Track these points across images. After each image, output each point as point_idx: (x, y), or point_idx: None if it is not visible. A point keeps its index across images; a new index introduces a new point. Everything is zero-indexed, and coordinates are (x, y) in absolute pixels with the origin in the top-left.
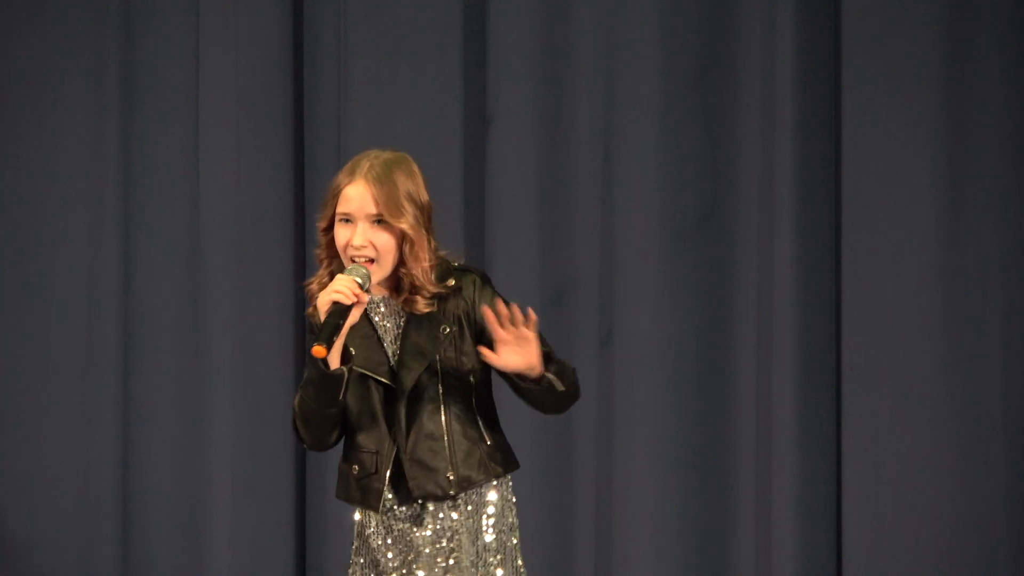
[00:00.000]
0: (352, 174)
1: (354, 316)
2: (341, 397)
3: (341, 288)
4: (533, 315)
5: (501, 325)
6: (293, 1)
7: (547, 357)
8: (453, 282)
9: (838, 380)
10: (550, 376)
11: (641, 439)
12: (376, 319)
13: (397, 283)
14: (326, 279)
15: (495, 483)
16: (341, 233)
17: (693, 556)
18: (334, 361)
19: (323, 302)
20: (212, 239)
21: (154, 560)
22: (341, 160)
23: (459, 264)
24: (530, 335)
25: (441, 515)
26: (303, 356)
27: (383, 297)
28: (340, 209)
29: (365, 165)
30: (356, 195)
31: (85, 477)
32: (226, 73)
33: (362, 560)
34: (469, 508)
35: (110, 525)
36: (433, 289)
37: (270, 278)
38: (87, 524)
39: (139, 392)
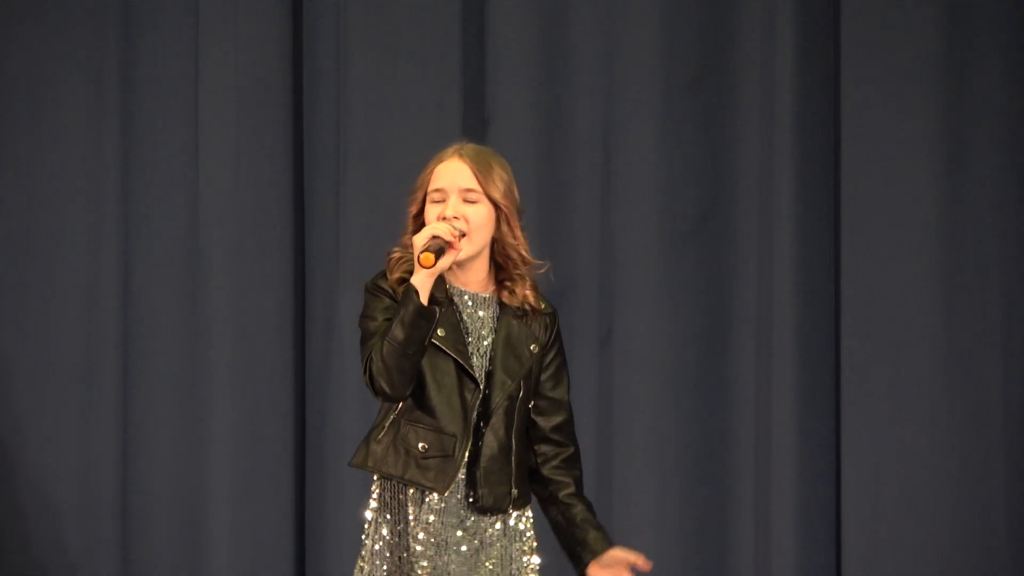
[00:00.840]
0: (443, 155)
1: (446, 262)
2: (427, 342)
3: (439, 226)
4: (648, 566)
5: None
6: (293, 1)
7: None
8: (545, 306)
9: (838, 380)
10: None
11: (641, 439)
12: (464, 314)
13: (497, 276)
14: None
15: (528, 508)
16: (432, 210)
17: (693, 556)
18: (424, 297)
19: (420, 237)
20: (212, 239)
21: (154, 560)
22: (341, 160)
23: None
24: None
25: (489, 528)
26: (303, 355)
27: (472, 294)
28: (432, 187)
29: (457, 146)
30: (450, 169)
31: (85, 477)
32: (226, 73)
33: (387, 554)
34: (510, 527)
35: (110, 525)
36: (532, 281)
37: (270, 278)
38: (87, 524)
39: (139, 392)
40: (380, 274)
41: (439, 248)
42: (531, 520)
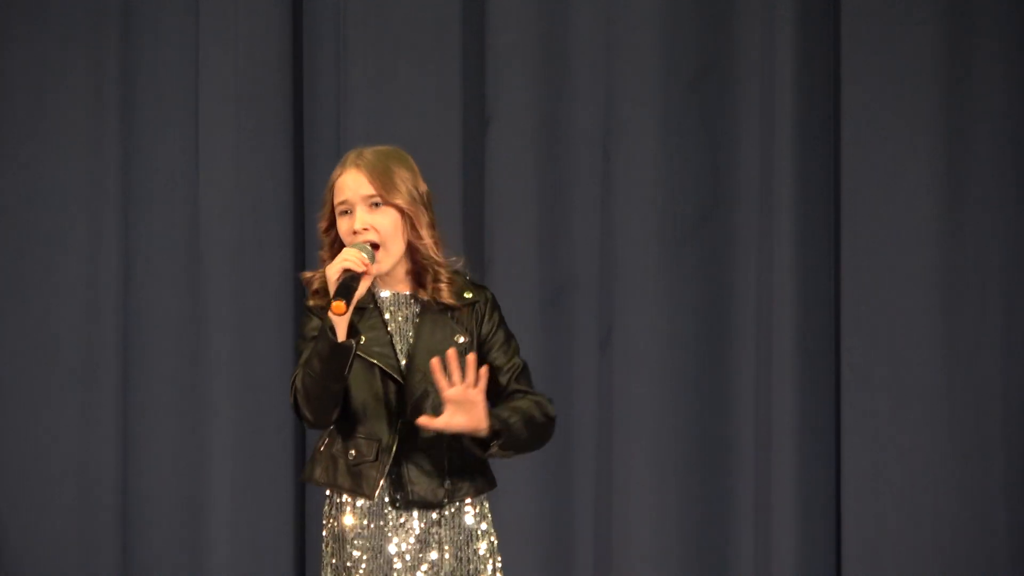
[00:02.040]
0: (343, 165)
1: (362, 288)
2: (347, 372)
3: (350, 256)
4: (485, 372)
5: (450, 383)
6: (293, 1)
7: (512, 395)
8: (470, 295)
9: (838, 380)
10: (494, 448)
11: (640, 439)
12: (386, 315)
13: (416, 274)
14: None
15: (479, 499)
16: (343, 224)
17: (693, 556)
18: (340, 333)
19: (332, 271)
20: (212, 239)
21: (154, 560)
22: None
23: (472, 280)
24: (477, 398)
25: (424, 523)
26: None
27: (393, 293)
28: (337, 200)
29: (354, 155)
30: (350, 181)
31: (85, 477)
32: (226, 73)
33: (334, 561)
34: (453, 520)
35: (110, 525)
36: (449, 274)
37: (270, 278)
38: (87, 524)
39: (139, 392)
40: (313, 291)
41: (348, 287)
42: (487, 517)
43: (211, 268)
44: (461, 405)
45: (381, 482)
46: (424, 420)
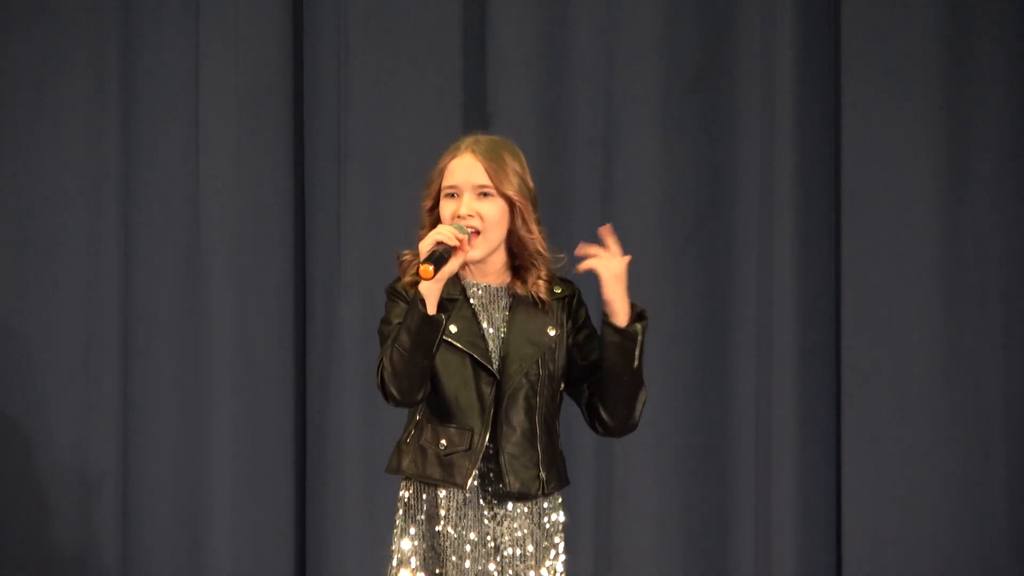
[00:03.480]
0: (457, 150)
1: (452, 266)
2: (435, 348)
3: (444, 231)
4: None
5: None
6: (293, 1)
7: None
8: (559, 290)
9: (838, 380)
10: (638, 327)
11: (641, 439)
12: (477, 306)
13: (513, 267)
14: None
15: (559, 495)
16: (447, 207)
17: (693, 556)
18: (431, 307)
19: (425, 243)
20: (212, 239)
21: (154, 560)
22: (341, 160)
23: (559, 274)
24: (618, 250)
25: (519, 515)
26: (303, 355)
27: (486, 285)
28: (446, 183)
29: (470, 140)
30: (463, 166)
31: (85, 477)
32: (226, 73)
33: (416, 543)
34: (538, 514)
35: (110, 525)
36: (547, 271)
37: (270, 278)
38: (87, 524)
39: (139, 392)
40: (398, 277)
41: (440, 256)
42: (562, 520)
43: (211, 268)
44: (620, 279)
45: (474, 472)
46: (588, 251)
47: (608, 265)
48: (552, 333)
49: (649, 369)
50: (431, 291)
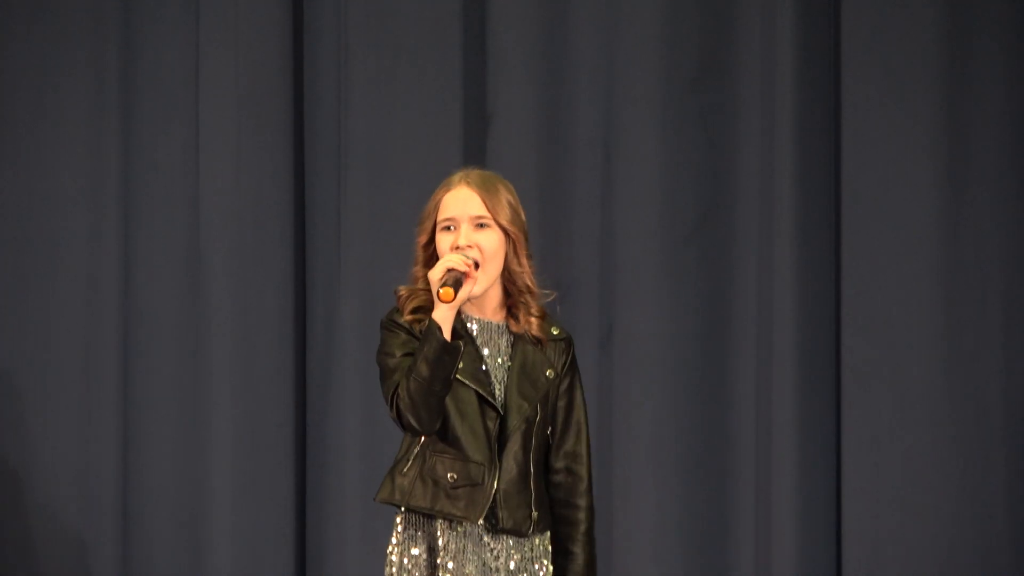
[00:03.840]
0: (450, 183)
1: (463, 294)
2: (453, 376)
3: (453, 259)
4: None
5: None
6: (293, 1)
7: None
8: (557, 332)
9: (838, 380)
10: None
11: (641, 439)
12: (479, 341)
13: (504, 303)
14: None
15: (548, 533)
16: (444, 239)
17: (693, 556)
18: (446, 334)
19: (436, 272)
20: (212, 239)
21: (154, 560)
22: (341, 160)
23: (555, 318)
24: None
25: (508, 550)
26: (303, 355)
27: (486, 321)
28: (442, 216)
29: (462, 174)
30: (459, 199)
31: (85, 477)
32: (226, 73)
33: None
34: (529, 550)
35: (110, 525)
36: (539, 308)
37: (270, 278)
38: (87, 524)
39: (139, 392)
40: (395, 309)
41: (456, 280)
42: (549, 555)
43: (211, 268)
44: None
45: (487, 507)
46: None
47: None
48: (550, 376)
49: (650, 369)
50: (446, 318)
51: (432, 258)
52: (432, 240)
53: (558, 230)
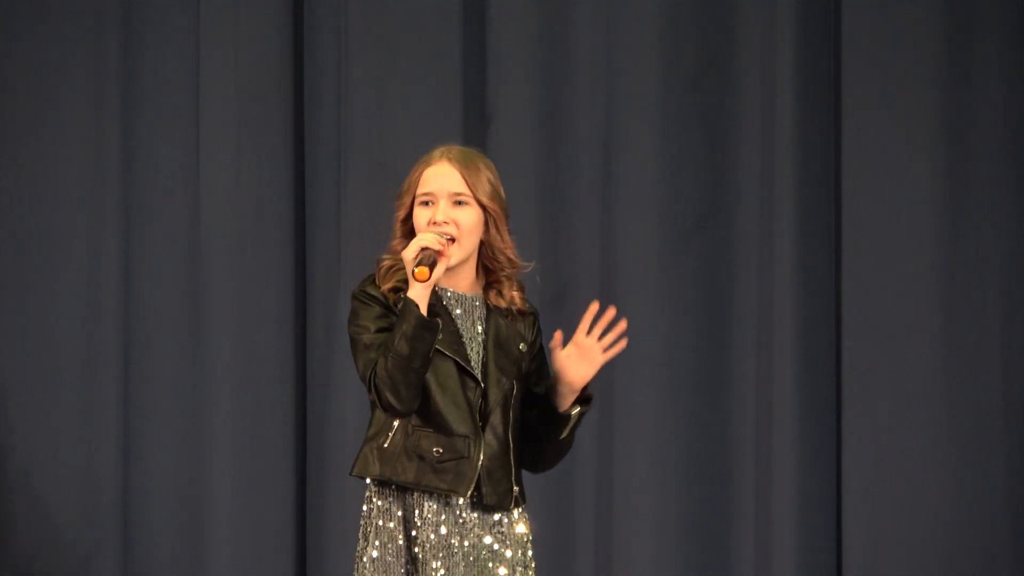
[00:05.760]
0: (430, 159)
1: (438, 271)
2: (432, 353)
3: (426, 237)
4: (623, 324)
5: (589, 330)
6: (293, 1)
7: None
8: (528, 306)
9: (838, 380)
10: (575, 414)
11: (641, 439)
12: (454, 313)
13: (484, 276)
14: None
15: (525, 512)
16: (421, 214)
17: (693, 556)
18: (423, 310)
19: (409, 251)
20: (212, 239)
21: (154, 560)
22: (341, 160)
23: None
24: (599, 360)
25: (489, 523)
26: (303, 355)
27: (461, 295)
28: (420, 191)
29: (443, 149)
30: (438, 174)
31: (85, 477)
32: (226, 73)
33: (387, 548)
34: (508, 524)
35: (110, 525)
36: (519, 283)
37: (270, 278)
38: (87, 524)
39: (139, 392)
40: (368, 280)
41: (431, 260)
42: (528, 532)
43: (211, 267)
44: (584, 356)
45: (474, 479)
46: (557, 340)
47: (579, 369)
48: (523, 348)
49: (650, 369)
50: (422, 296)
51: (410, 233)
52: (410, 215)
53: (558, 230)
